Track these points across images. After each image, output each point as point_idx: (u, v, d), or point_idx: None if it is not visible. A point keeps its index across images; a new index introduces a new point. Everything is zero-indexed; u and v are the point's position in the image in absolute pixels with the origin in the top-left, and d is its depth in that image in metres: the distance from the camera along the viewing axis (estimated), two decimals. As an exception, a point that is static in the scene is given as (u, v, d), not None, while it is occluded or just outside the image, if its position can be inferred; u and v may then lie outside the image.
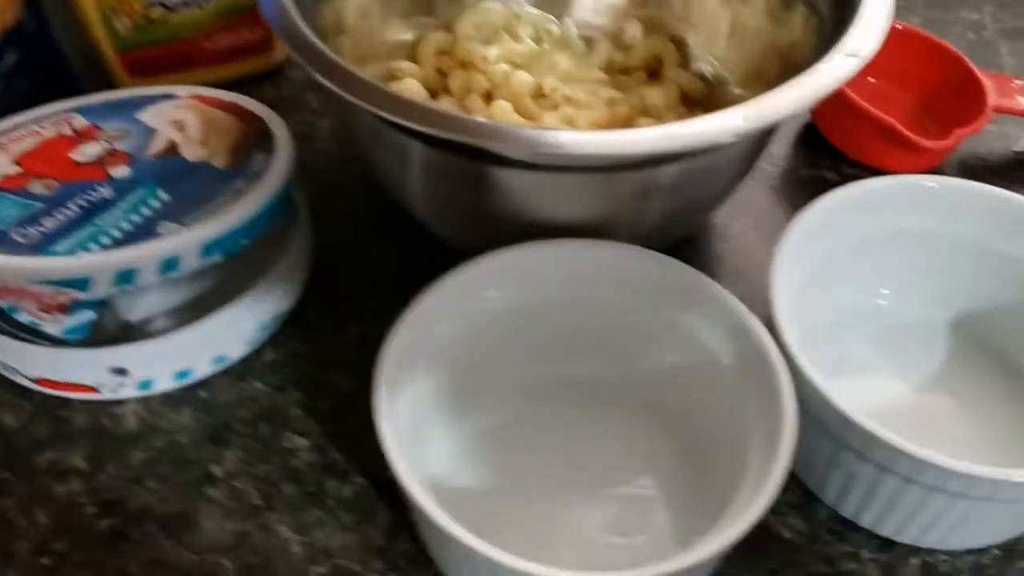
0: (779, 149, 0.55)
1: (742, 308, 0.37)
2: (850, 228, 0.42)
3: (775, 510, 0.40)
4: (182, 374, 0.43)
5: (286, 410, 0.43)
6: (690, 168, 0.40)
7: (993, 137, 0.55)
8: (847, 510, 0.39)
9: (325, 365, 0.44)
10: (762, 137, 0.43)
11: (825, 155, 0.54)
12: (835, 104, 0.52)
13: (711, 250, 0.49)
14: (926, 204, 0.42)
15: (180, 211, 0.41)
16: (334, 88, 0.36)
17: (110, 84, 0.55)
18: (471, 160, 0.39)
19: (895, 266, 0.43)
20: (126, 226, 0.40)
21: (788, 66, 0.46)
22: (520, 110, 0.49)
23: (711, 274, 0.38)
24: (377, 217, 0.50)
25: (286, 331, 0.45)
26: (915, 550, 0.38)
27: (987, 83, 0.52)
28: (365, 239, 0.49)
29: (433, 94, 0.52)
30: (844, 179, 0.52)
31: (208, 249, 0.40)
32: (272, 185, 0.42)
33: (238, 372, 0.44)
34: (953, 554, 0.38)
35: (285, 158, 0.44)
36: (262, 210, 0.42)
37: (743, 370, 0.37)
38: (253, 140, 0.45)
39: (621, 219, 0.42)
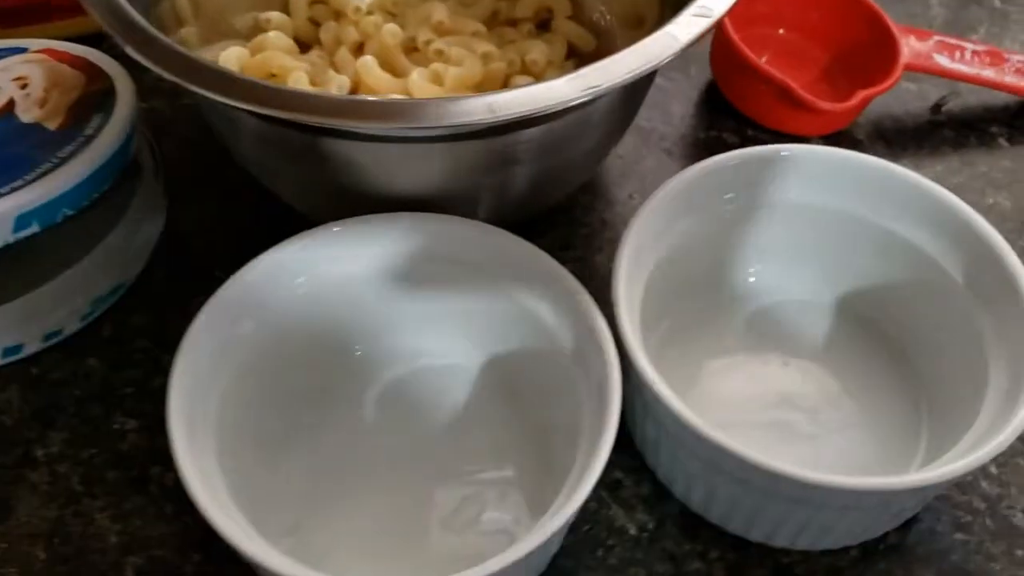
0: (678, 108, 0.51)
1: (578, 288, 0.35)
2: (712, 204, 0.38)
3: (626, 504, 0.37)
4: (11, 350, 0.41)
5: (120, 389, 0.40)
6: (548, 134, 0.37)
7: (911, 97, 0.52)
8: (695, 505, 0.37)
9: (166, 342, 0.41)
10: (627, 100, 0.40)
11: (727, 117, 0.51)
12: (731, 61, 0.48)
13: (596, 216, 0.46)
14: (790, 175, 0.38)
15: (-2, 179, 0.38)
16: (139, 58, 0.33)
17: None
18: (302, 131, 0.36)
19: (763, 242, 0.40)
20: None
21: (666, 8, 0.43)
22: (389, 65, 0.46)
23: (592, 241, 0.35)
24: (237, 182, 0.47)
25: (127, 304, 0.43)
26: (768, 550, 0.36)
27: (902, 39, 0.49)
28: (222, 206, 0.47)
29: (305, 46, 0.49)
30: (744, 142, 0.49)
31: (22, 221, 0.38)
32: (101, 151, 0.39)
33: (73, 348, 0.41)
34: (808, 554, 0.36)
35: (122, 121, 0.41)
36: (87, 178, 0.39)
37: (577, 353, 0.34)
38: (95, 100, 0.42)
39: (481, 188, 0.39)
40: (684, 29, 0.33)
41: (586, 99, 0.31)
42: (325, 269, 0.36)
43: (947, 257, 0.38)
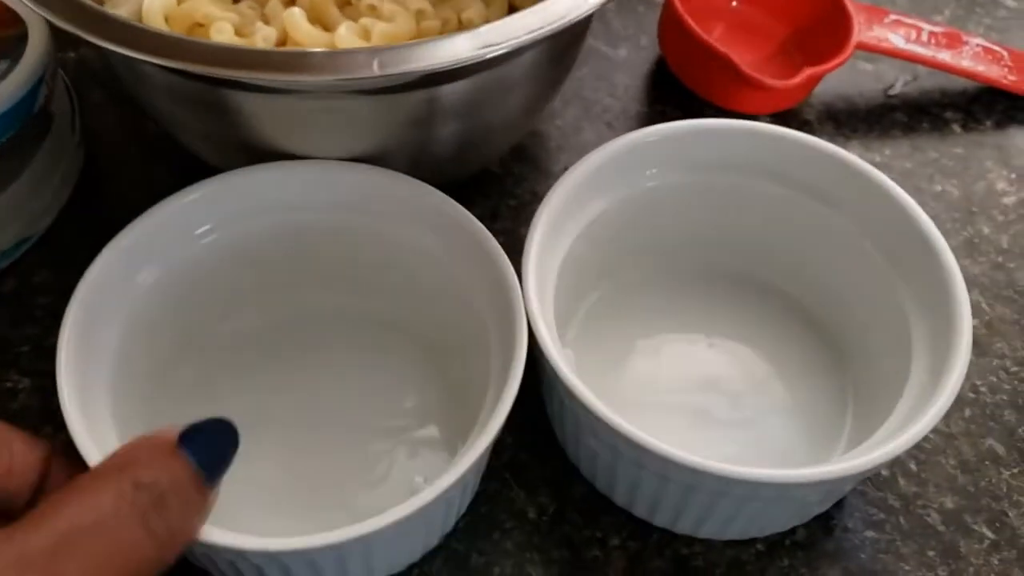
0: (624, 80, 0.49)
1: (487, 236, 0.33)
2: (634, 179, 0.37)
3: (529, 486, 0.36)
4: (-95, 302, 0.39)
5: (16, 347, 0.39)
6: (463, 92, 0.36)
7: (866, 78, 0.50)
8: (601, 487, 0.35)
9: (69, 299, 0.40)
10: (552, 61, 0.38)
11: (674, 92, 0.49)
12: (677, 33, 0.47)
13: (527, 187, 0.45)
14: (714, 152, 0.37)
15: None
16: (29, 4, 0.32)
17: None
18: (201, 82, 0.34)
19: (690, 219, 0.39)
20: None
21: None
22: (320, 19, 0.44)
23: (520, 213, 0.34)
24: (158, 137, 0.46)
25: (33, 258, 0.41)
26: (670, 539, 0.35)
27: (856, 16, 0.47)
28: (143, 158, 0.45)
29: (238, -4, 0.47)
30: (691, 118, 0.47)
31: (-90, 166, 0.36)
32: (1, 98, 0.38)
33: (-29, 303, 0.40)
34: (711, 545, 0.35)
35: (29, 69, 0.39)
36: (-19, 126, 0.37)
37: (488, 305, 0.33)
38: (6, 45, 0.40)
39: (394, 147, 0.38)
40: (595, -9, 0.31)
41: (482, 59, 0.29)
42: (230, 218, 0.35)
43: (878, 240, 0.36)
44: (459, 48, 0.30)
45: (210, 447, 0.26)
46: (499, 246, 0.33)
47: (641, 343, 0.40)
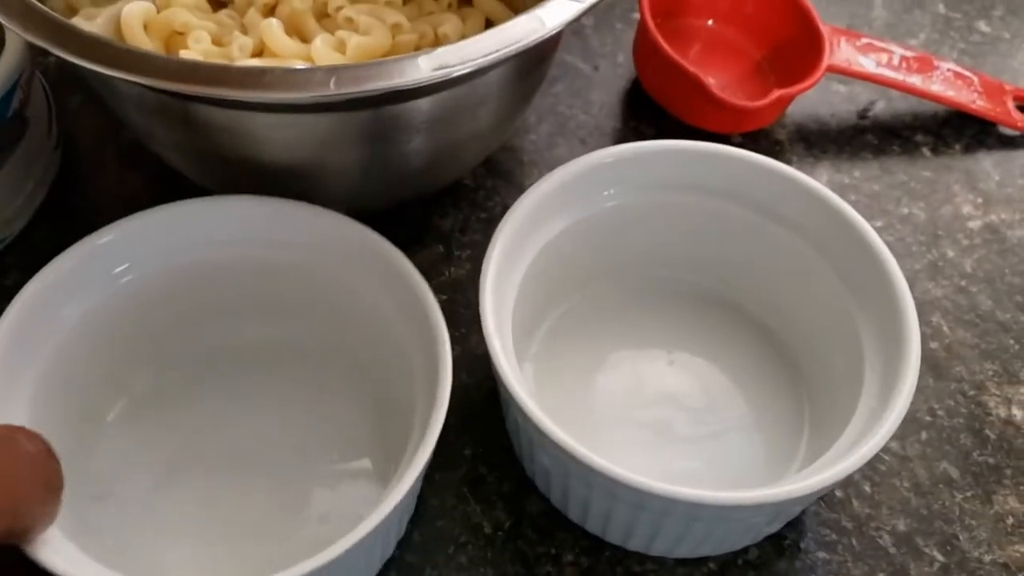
0: (599, 98, 0.50)
1: (404, 262, 0.34)
2: (592, 199, 0.37)
3: (486, 500, 0.36)
4: None
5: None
6: (428, 110, 0.36)
7: (839, 99, 0.50)
8: (556, 501, 0.36)
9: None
10: (518, 80, 0.39)
11: (648, 110, 0.49)
12: (650, 52, 0.47)
13: (499, 200, 0.45)
14: (671, 170, 0.37)
15: None
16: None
17: None
18: (168, 95, 0.35)
19: (650, 237, 0.39)
20: None
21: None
22: (297, 31, 0.44)
23: (490, 226, 0.35)
24: (134, 145, 0.46)
25: (6, 260, 0.42)
26: (623, 556, 0.35)
27: (829, 39, 0.47)
28: (119, 164, 0.46)
29: (219, 4, 0.47)
30: (661, 136, 0.48)
31: None
32: (-29, 102, 0.38)
33: (-59, 303, 0.40)
34: (663, 564, 0.35)
35: (3, 73, 0.40)
36: (-48, 129, 0.38)
37: (411, 331, 0.33)
38: (-19, 49, 0.41)
39: (359, 160, 0.38)
40: (554, 13, 0.32)
41: (436, 80, 0.30)
42: (149, 256, 0.35)
43: (834, 260, 0.37)
44: (417, 69, 0.30)
45: None
46: (415, 270, 0.33)
47: (603, 358, 0.40)
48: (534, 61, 0.39)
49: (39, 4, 0.32)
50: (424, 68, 0.30)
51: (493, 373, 0.32)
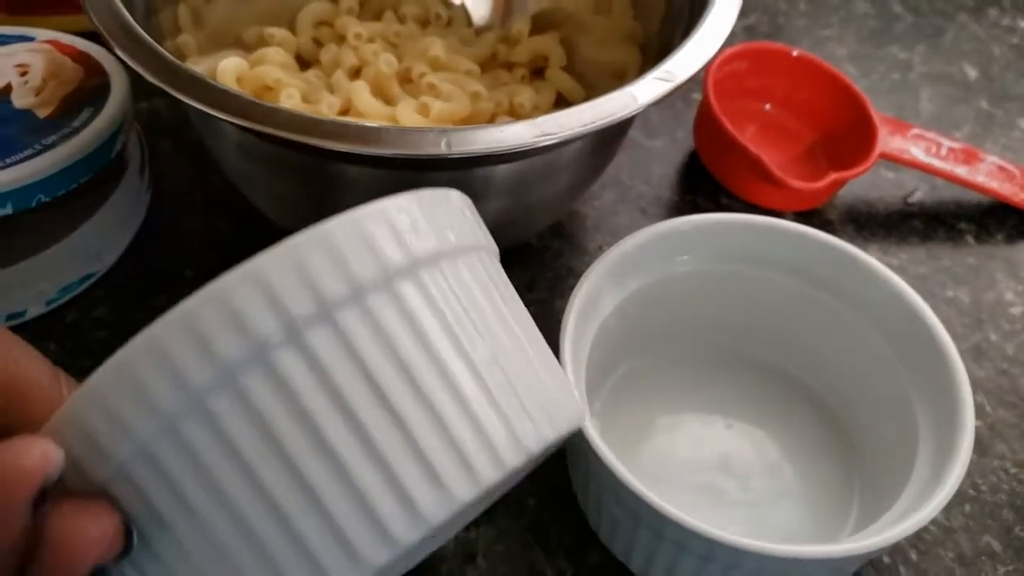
0: (659, 170, 0.52)
1: None
2: (666, 264, 0.39)
3: (547, 549, 0.38)
4: (-26, 325, 0.42)
5: (72, 376, 0.41)
6: (511, 175, 0.38)
7: (887, 185, 0.53)
8: (618, 553, 0.37)
9: (125, 335, 0.42)
10: (594, 151, 0.41)
11: (705, 183, 0.52)
12: (712, 131, 0.50)
13: (563, 262, 0.47)
14: (742, 244, 0.39)
15: (-19, 158, 0.39)
16: (124, 57, 0.35)
17: (-15, 18, 0.54)
18: (274, 144, 0.37)
19: (715, 305, 0.41)
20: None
21: (648, 60, 0.44)
22: (381, 93, 0.47)
23: (556, 286, 0.38)
24: (220, 189, 0.48)
25: (94, 294, 0.44)
26: (680, 607, 0.36)
27: (881, 128, 0.50)
28: (205, 208, 0.48)
29: (306, 64, 0.50)
30: (719, 210, 0.50)
31: (-3, 200, 0.39)
32: (84, 143, 0.41)
33: (35, 330, 0.42)
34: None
35: (110, 117, 0.42)
36: (65, 167, 0.40)
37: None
38: (89, 94, 0.43)
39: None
40: (644, 91, 0.34)
41: (540, 145, 0.32)
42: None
43: (891, 340, 0.39)
44: (521, 134, 0.33)
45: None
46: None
47: (661, 419, 0.42)
48: (614, 135, 0.42)
49: (171, 56, 0.35)
50: (527, 134, 0.32)
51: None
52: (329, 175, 0.38)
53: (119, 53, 0.35)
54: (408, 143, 0.32)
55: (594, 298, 0.38)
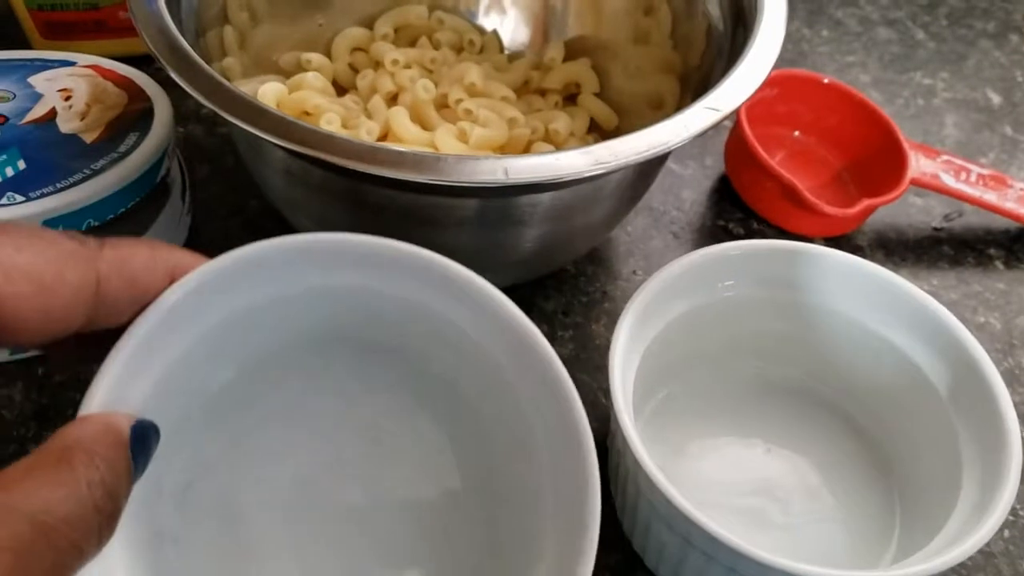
0: (690, 195, 0.53)
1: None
2: (712, 289, 0.40)
3: (592, 572, 0.38)
4: (19, 347, 0.42)
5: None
6: (557, 201, 0.39)
7: (915, 211, 0.54)
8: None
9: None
10: (637, 179, 0.42)
11: (735, 208, 0.52)
12: (744, 156, 0.50)
13: (598, 287, 0.48)
14: (790, 271, 0.40)
15: (31, 183, 0.40)
16: (180, 81, 0.35)
17: (24, 43, 0.54)
18: (325, 169, 0.37)
19: (758, 331, 0.42)
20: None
21: (687, 90, 0.45)
22: (418, 118, 0.48)
23: (591, 310, 0.36)
24: (259, 213, 0.49)
25: (137, 317, 0.44)
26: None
27: (911, 154, 0.51)
28: (246, 232, 0.48)
29: (343, 90, 0.51)
30: (751, 235, 0.51)
31: (48, 226, 0.39)
32: (132, 168, 0.41)
33: (79, 353, 0.43)
34: (764, 640, 0.37)
35: (156, 142, 0.43)
36: (115, 192, 0.40)
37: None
38: (133, 119, 0.44)
39: (486, 245, 0.41)
40: (694, 120, 0.35)
41: (594, 174, 0.33)
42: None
43: (933, 367, 0.39)
44: (576, 163, 0.33)
45: (146, 446, 0.25)
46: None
47: (702, 443, 0.42)
48: (657, 162, 0.42)
49: (226, 82, 0.35)
50: (583, 163, 0.33)
51: (606, 448, 0.34)
52: (378, 201, 0.38)
53: (173, 74, 0.35)
54: (466, 171, 0.32)
55: (641, 323, 0.38)
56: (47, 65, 0.47)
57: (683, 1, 0.47)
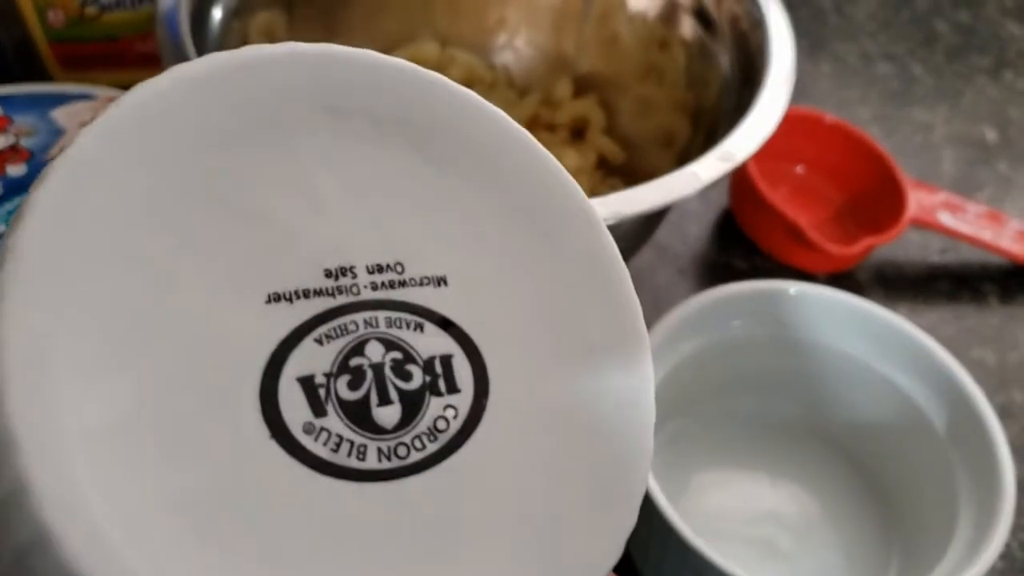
0: (694, 231, 0.54)
1: None
2: (720, 328, 0.41)
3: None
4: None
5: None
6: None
7: (913, 247, 0.55)
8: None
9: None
10: (646, 224, 0.43)
11: (740, 243, 0.54)
12: (747, 192, 0.52)
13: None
14: (797, 311, 0.41)
15: (58, 219, 0.41)
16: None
17: (43, 75, 0.55)
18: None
19: (764, 369, 0.43)
20: (3, 228, 0.40)
21: (698, 129, 0.46)
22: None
23: None
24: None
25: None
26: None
27: (910, 193, 0.52)
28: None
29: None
30: (754, 270, 0.52)
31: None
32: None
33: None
34: (768, 673, 0.38)
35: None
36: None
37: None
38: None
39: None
40: (706, 170, 0.36)
41: (609, 223, 0.34)
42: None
43: (930, 404, 0.41)
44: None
45: None
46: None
47: (708, 476, 0.43)
48: (665, 208, 0.44)
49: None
50: (604, 214, 0.34)
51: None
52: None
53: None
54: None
55: (657, 357, 0.39)
56: (67, 98, 0.48)
57: (697, 41, 0.48)
